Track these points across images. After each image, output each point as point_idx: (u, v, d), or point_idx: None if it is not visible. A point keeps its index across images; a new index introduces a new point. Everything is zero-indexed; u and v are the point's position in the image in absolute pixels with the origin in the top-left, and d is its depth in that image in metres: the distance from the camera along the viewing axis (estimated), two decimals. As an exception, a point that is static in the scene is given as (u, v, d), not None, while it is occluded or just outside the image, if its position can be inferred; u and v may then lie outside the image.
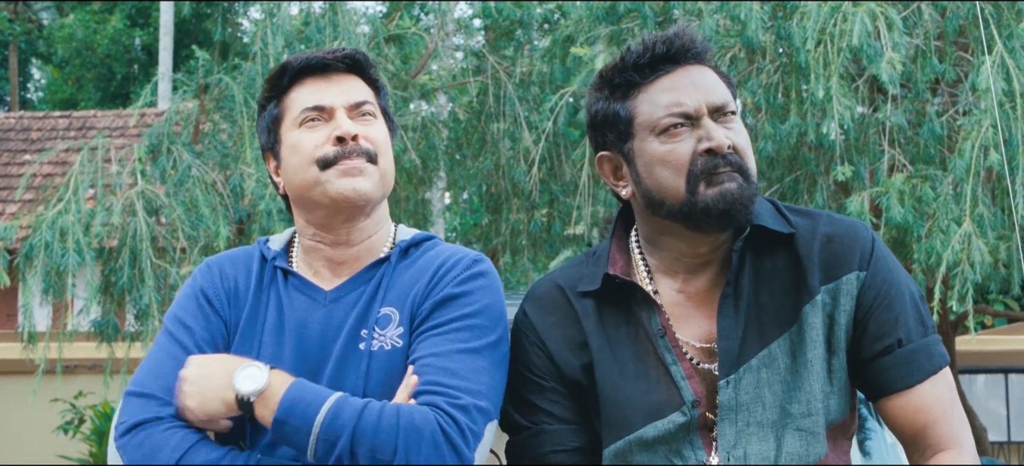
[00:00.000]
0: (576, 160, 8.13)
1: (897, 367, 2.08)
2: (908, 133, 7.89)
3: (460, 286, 2.16)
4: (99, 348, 7.90)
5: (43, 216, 7.13)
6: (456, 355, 2.09)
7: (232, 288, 2.25)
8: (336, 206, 2.18)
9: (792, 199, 8.33)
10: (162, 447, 2.04)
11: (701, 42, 2.12)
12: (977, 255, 6.77)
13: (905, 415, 2.09)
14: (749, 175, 2.06)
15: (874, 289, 2.08)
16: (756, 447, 2.04)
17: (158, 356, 2.17)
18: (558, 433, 2.15)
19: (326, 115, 2.20)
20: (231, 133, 8.39)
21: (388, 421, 2.00)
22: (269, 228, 7.34)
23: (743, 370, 2.06)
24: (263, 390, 2.03)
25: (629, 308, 2.15)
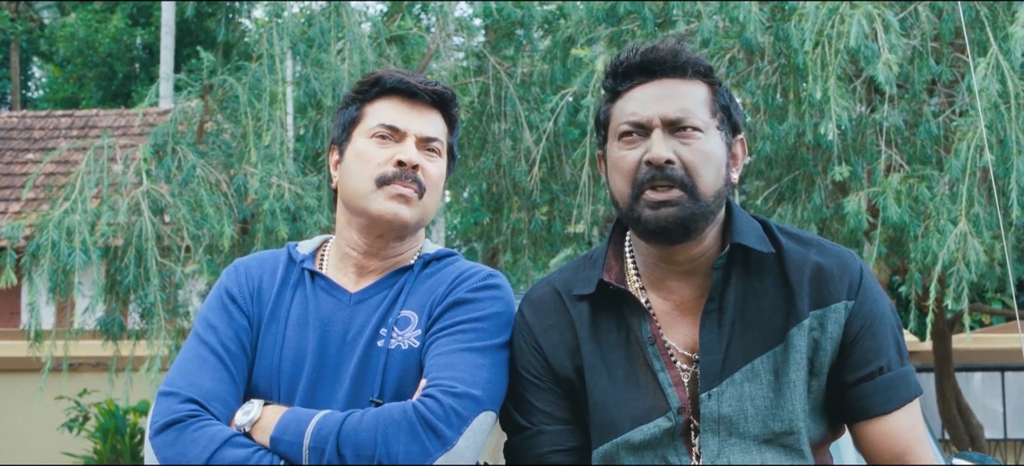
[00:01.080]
0: (576, 160, 8.18)
1: (878, 393, 2.15)
2: (905, 133, 7.96)
3: (472, 293, 2.30)
4: (104, 346, 7.99)
5: (50, 215, 7.20)
6: (458, 353, 2.22)
7: (256, 286, 2.38)
8: (374, 222, 2.32)
9: (790, 199, 8.41)
10: (193, 445, 2.15)
11: (685, 56, 2.17)
12: (972, 254, 6.83)
13: (883, 440, 2.16)
14: (694, 191, 2.09)
15: (861, 318, 2.15)
16: (739, 459, 2.11)
17: (187, 357, 2.30)
18: (557, 434, 2.22)
19: (397, 137, 2.33)
20: (235, 133, 8.47)
21: (368, 421, 2.14)
22: (273, 227, 7.42)
23: (726, 383, 2.12)
24: (256, 421, 2.20)
25: (621, 313, 2.22)
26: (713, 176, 2.11)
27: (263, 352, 2.33)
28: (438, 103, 2.40)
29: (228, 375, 2.27)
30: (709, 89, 2.18)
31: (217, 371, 2.27)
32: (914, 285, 7.48)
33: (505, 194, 9.21)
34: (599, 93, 7.70)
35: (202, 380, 2.24)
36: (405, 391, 2.25)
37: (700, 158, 2.11)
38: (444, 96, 2.39)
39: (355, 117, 2.39)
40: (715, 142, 2.14)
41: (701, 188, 2.10)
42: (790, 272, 2.16)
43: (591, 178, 7.92)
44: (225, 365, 2.28)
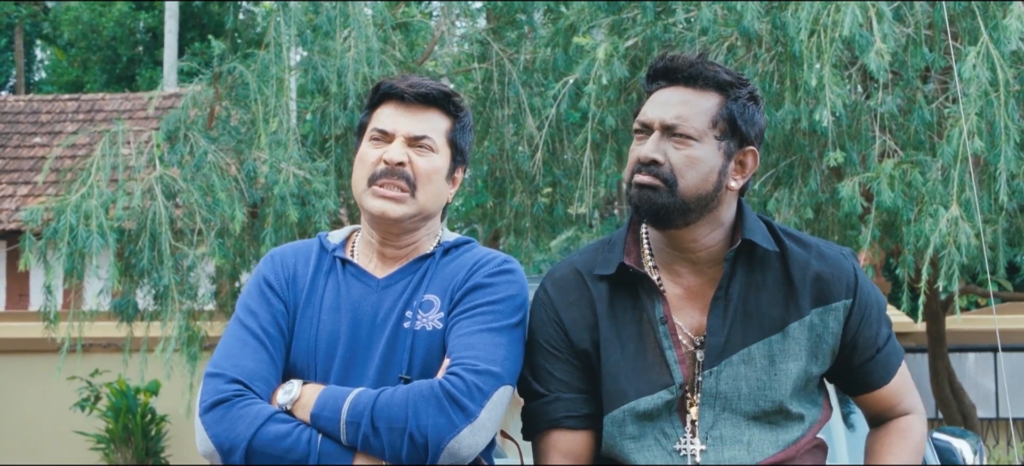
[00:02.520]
0: (578, 145, 8.36)
1: (878, 370, 2.51)
2: (899, 120, 8.13)
3: (489, 278, 2.51)
4: (119, 327, 8.21)
5: (67, 200, 7.40)
6: (478, 333, 2.44)
7: (292, 274, 2.59)
8: (371, 218, 2.55)
9: (787, 183, 8.58)
10: (239, 421, 2.38)
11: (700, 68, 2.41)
12: (963, 238, 7.02)
13: (882, 401, 2.55)
14: (675, 188, 2.35)
15: (859, 313, 2.46)
16: (730, 431, 2.38)
17: (230, 340, 2.52)
18: (572, 401, 2.45)
19: (387, 138, 2.54)
20: (244, 119, 8.67)
21: (399, 397, 2.37)
22: (283, 211, 7.61)
23: (724, 364, 2.38)
24: (297, 399, 2.42)
25: (637, 294, 2.45)
26: (697, 180, 2.37)
27: (299, 334, 2.53)
28: (430, 102, 2.58)
29: (268, 356, 2.48)
30: (721, 100, 2.40)
31: (258, 353, 2.48)
32: (907, 268, 7.67)
33: (508, 178, 9.36)
34: (600, 80, 7.90)
35: (245, 361, 2.45)
36: (430, 368, 2.46)
37: (686, 163, 2.36)
38: (432, 95, 2.58)
39: (363, 124, 2.62)
40: (708, 151, 2.38)
41: (681, 188, 2.36)
42: (793, 272, 2.43)
43: (592, 162, 8.07)
44: (265, 347, 2.49)
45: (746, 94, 2.43)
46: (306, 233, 8.09)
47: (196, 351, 8.31)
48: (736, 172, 2.44)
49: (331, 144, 8.39)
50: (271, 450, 2.36)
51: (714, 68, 2.41)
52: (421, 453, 2.34)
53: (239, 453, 2.36)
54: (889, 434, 2.54)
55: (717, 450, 2.38)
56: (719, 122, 2.40)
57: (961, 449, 3.63)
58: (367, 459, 2.37)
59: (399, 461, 2.35)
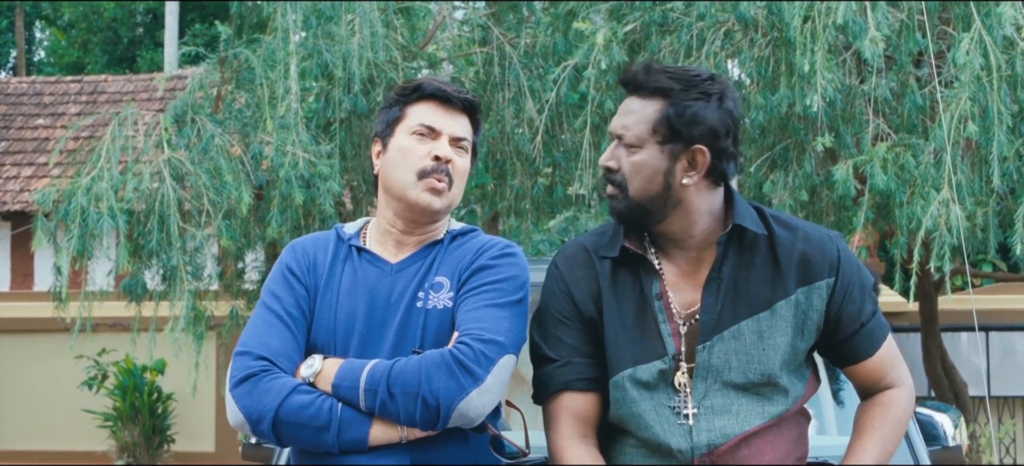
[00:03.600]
0: (578, 128, 8.51)
1: (862, 343, 2.70)
2: (892, 104, 8.28)
3: (493, 260, 2.75)
4: (128, 307, 8.38)
5: (77, 183, 7.57)
6: (484, 309, 2.66)
7: (312, 261, 2.82)
8: (411, 208, 2.77)
9: (782, 166, 8.73)
10: (266, 394, 2.61)
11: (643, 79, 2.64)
12: (954, 220, 7.17)
13: (868, 373, 2.74)
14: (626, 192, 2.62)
15: (842, 291, 2.65)
16: (721, 401, 2.59)
17: (256, 322, 2.75)
18: (582, 365, 2.68)
19: (434, 135, 2.77)
20: (250, 102, 8.83)
21: (413, 364, 2.60)
22: (288, 194, 7.78)
23: (716, 339, 2.60)
24: (318, 372, 2.65)
25: (637, 273, 2.68)
26: (642, 183, 2.61)
27: (320, 316, 2.75)
28: (467, 108, 2.83)
29: (292, 336, 2.71)
30: (662, 106, 2.61)
31: (283, 333, 2.71)
32: (900, 249, 7.83)
33: (508, 160, 9.50)
34: (599, 65, 8.06)
35: (270, 340, 2.68)
36: (441, 343, 2.68)
37: (632, 169, 2.61)
38: (472, 103, 2.84)
39: (397, 116, 2.82)
40: (650, 155, 2.61)
41: (631, 191, 2.61)
42: (780, 254, 2.63)
43: (591, 145, 8.21)
44: (289, 327, 2.72)
45: (693, 95, 2.60)
46: (310, 215, 8.26)
47: (202, 331, 8.47)
48: (687, 170, 2.62)
49: (336, 128, 8.55)
50: (296, 418, 2.59)
51: (658, 76, 2.62)
52: (433, 415, 2.56)
53: (267, 422, 2.60)
54: (874, 407, 2.72)
55: (708, 418, 2.58)
56: (659, 128, 2.61)
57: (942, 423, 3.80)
58: (383, 423, 2.60)
59: (413, 423, 2.58)
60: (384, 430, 2.60)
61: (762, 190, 9.38)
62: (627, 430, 2.66)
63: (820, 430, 3.65)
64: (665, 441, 2.60)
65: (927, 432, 3.74)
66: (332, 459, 2.63)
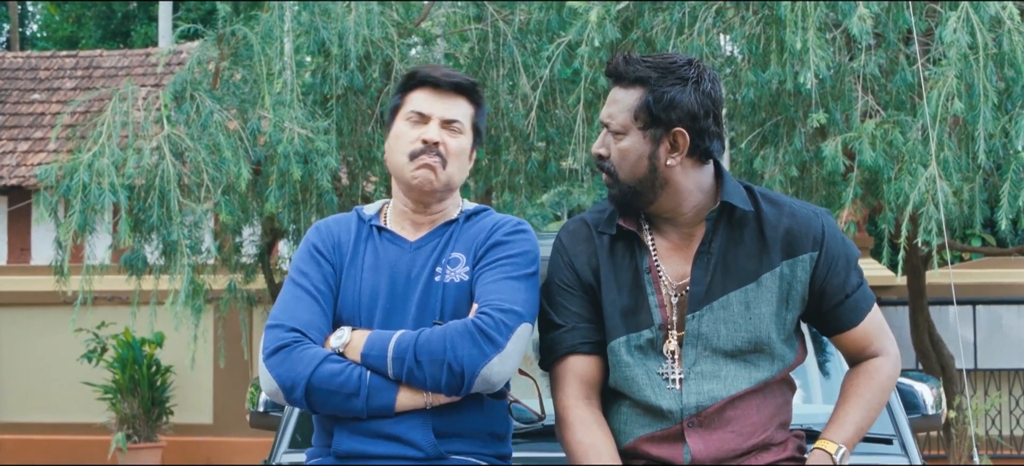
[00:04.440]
0: (571, 104, 8.62)
1: (847, 313, 2.87)
2: (881, 81, 8.40)
3: (507, 236, 2.94)
4: (129, 281, 8.51)
5: (78, 159, 7.69)
6: (501, 281, 2.85)
7: (336, 241, 3.01)
8: (410, 187, 2.95)
9: (772, 142, 8.85)
10: (298, 363, 2.79)
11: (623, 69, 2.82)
12: (941, 196, 7.30)
13: (854, 342, 2.91)
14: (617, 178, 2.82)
15: (825, 264, 2.83)
16: (710, 367, 2.78)
17: (286, 298, 2.93)
18: (585, 330, 2.87)
19: (424, 120, 2.95)
20: (247, 78, 8.94)
21: (437, 333, 2.79)
22: (286, 169, 7.90)
23: (705, 309, 2.78)
24: (348, 343, 2.83)
25: (632, 248, 2.87)
26: (629, 168, 2.80)
27: (345, 292, 2.93)
28: (460, 90, 2.99)
29: (320, 309, 2.89)
30: (642, 94, 2.79)
31: (312, 306, 2.89)
32: (888, 225, 7.96)
33: (503, 136, 9.61)
34: (592, 42, 8.17)
35: (300, 314, 2.87)
36: (459, 314, 2.86)
37: (619, 155, 2.81)
38: (463, 85, 3.00)
39: (397, 105, 3.02)
40: (634, 141, 2.80)
41: (621, 176, 2.81)
42: (766, 229, 2.80)
43: (585, 121, 8.32)
44: (317, 302, 2.90)
45: (670, 81, 2.78)
46: (308, 190, 8.39)
47: (201, 304, 8.59)
48: (670, 152, 2.80)
49: (332, 104, 8.66)
50: (327, 386, 2.77)
51: (636, 66, 2.80)
52: (458, 380, 2.75)
53: (300, 390, 2.78)
54: (859, 375, 2.91)
55: (697, 382, 2.77)
56: (640, 115, 2.79)
57: (921, 392, 3.95)
58: (409, 390, 2.79)
59: (439, 389, 2.77)
60: (410, 397, 2.79)
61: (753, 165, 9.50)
62: (623, 394, 2.85)
63: (806, 399, 3.79)
64: (656, 403, 2.78)
65: (907, 401, 3.88)
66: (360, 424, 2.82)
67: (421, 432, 2.81)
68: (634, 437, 2.82)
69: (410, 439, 2.80)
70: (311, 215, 8.66)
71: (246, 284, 10.22)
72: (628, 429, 2.84)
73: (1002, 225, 7.58)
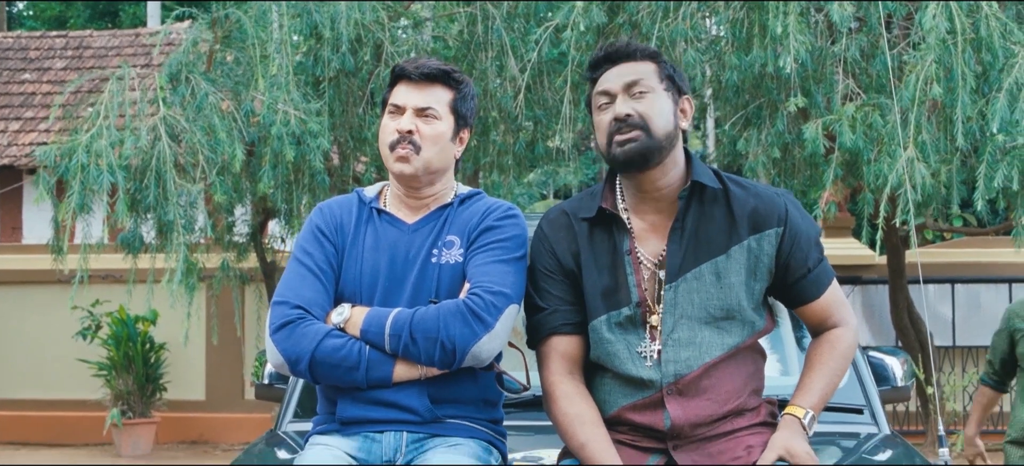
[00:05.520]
0: (558, 87, 8.78)
1: (809, 286, 3.07)
2: (862, 65, 8.57)
3: (498, 221, 3.12)
4: (125, 259, 8.68)
5: (77, 140, 7.84)
6: (491, 264, 3.04)
7: (338, 222, 3.19)
8: (393, 176, 3.16)
9: (755, 124, 9.02)
10: (303, 338, 2.99)
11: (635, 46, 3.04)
12: (918, 177, 7.47)
13: (815, 313, 3.12)
14: (649, 130, 2.95)
15: (789, 240, 3.02)
16: (686, 335, 2.98)
17: (291, 275, 3.12)
18: (567, 311, 3.07)
19: (400, 111, 3.14)
20: (240, 60, 9.10)
21: (432, 313, 2.98)
22: (279, 150, 8.07)
23: (680, 280, 2.99)
24: (348, 319, 3.02)
25: (611, 231, 3.06)
26: (662, 121, 2.98)
27: (347, 270, 3.12)
28: (433, 79, 3.16)
29: (323, 287, 3.08)
30: (656, 65, 3.04)
31: (315, 285, 3.08)
32: (867, 205, 8.15)
33: (491, 117, 9.75)
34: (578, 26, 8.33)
35: (304, 291, 3.06)
36: (453, 294, 3.05)
37: (652, 109, 2.98)
38: (434, 73, 3.17)
39: (384, 99, 3.21)
40: (663, 100, 3.01)
41: (653, 129, 2.96)
42: (734, 207, 3.01)
43: (571, 103, 8.48)
44: (320, 280, 3.09)
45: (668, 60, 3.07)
46: (300, 170, 8.56)
47: (194, 282, 8.76)
48: (682, 116, 3.07)
49: (325, 86, 8.81)
50: (329, 359, 2.97)
51: (641, 45, 3.06)
52: (450, 357, 2.95)
53: (304, 363, 2.98)
54: (822, 344, 3.11)
55: (675, 349, 2.98)
56: (663, 78, 3.03)
57: (891, 365, 4.14)
58: (406, 363, 2.98)
59: (432, 364, 2.96)
60: (406, 369, 2.99)
61: (736, 147, 9.67)
62: (605, 367, 3.05)
63: (783, 372, 3.98)
64: (637, 375, 2.99)
65: (878, 374, 4.08)
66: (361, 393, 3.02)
67: (418, 399, 3.01)
68: (617, 406, 3.02)
69: (408, 405, 3.01)
70: (303, 195, 8.84)
71: (238, 263, 10.39)
72: (612, 399, 3.03)
73: (978, 206, 7.77)
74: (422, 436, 3.03)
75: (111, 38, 17.87)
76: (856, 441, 3.67)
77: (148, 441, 12.55)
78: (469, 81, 3.26)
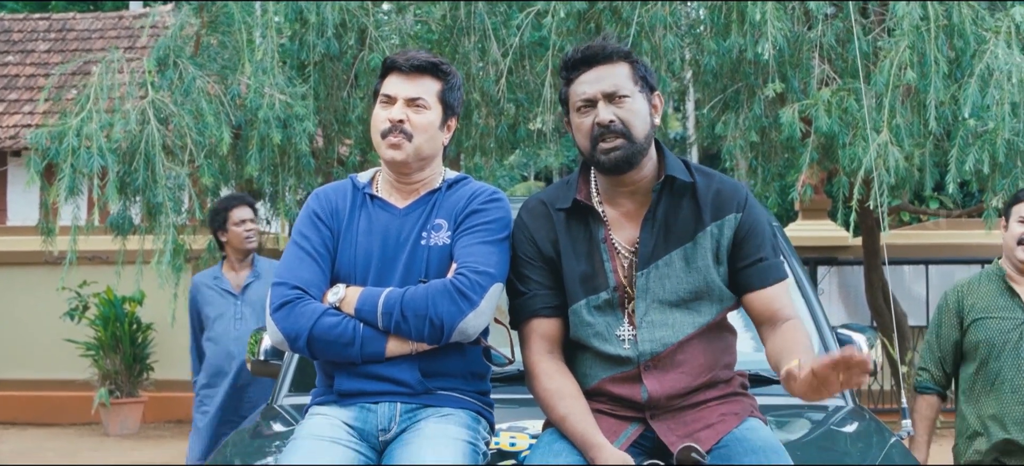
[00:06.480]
0: (540, 71, 8.92)
1: (758, 275, 3.24)
2: (838, 50, 8.73)
3: (483, 205, 3.31)
4: (115, 241, 8.81)
5: (67, 124, 7.97)
6: (476, 245, 3.23)
7: (334, 207, 3.38)
8: (385, 162, 3.35)
9: (733, 108, 9.18)
10: (301, 317, 3.18)
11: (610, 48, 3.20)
12: (892, 161, 7.64)
13: (759, 304, 3.25)
14: (632, 137, 3.13)
15: (746, 226, 3.22)
16: (659, 316, 3.18)
17: (289, 258, 3.32)
18: (546, 295, 3.26)
19: (391, 102, 3.32)
20: (227, 44, 9.22)
21: (421, 291, 3.17)
22: (266, 134, 8.21)
23: (652, 267, 3.18)
24: (342, 298, 3.20)
25: (586, 220, 3.25)
26: (641, 125, 3.16)
27: (342, 253, 3.31)
28: (422, 70, 3.35)
29: (319, 269, 3.27)
30: (630, 66, 3.21)
31: (312, 266, 3.27)
32: (843, 188, 8.31)
33: (473, 100, 9.88)
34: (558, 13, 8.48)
35: (302, 273, 3.25)
36: (441, 274, 3.24)
37: (631, 115, 3.15)
38: (424, 65, 3.35)
39: (376, 90, 3.39)
40: (640, 102, 3.19)
41: (634, 134, 3.15)
42: (700, 197, 3.20)
43: (552, 87, 8.61)
44: (317, 262, 3.28)
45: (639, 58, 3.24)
46: (286, 153, 8.69)
47: (181, 263, 8.88)
48: (654, 112, 3.25)
49: (310, 70, 8.94)
50: (326, 336, 3.16)
51: (615, 46, 3.22)
52: (438, 333, 3.14)
53: (302, 340, 3.17)
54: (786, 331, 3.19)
55: (649, 330, 3.17)
56: (637, 80, 3.21)
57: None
58: (397, 340, 3.18)
59: (422, 339, 3.16)
60: (398, 345, 3.17)
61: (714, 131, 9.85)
62: (586, 346, 3.24)
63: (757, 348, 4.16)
64: (616, 353, 3.19)
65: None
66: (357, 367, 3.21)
67: (410, 372, 3.20)
68: (597, 379, 3.21)
69: (401, 379, 3.20)
70: (289, 178, 8.97)
71: (225, 243, 10.51)
72: (592, 372, 3.23)
73: (950, 189, 7.94)
74: (414, 407, 3.21)
75: (94, 21, 17.95)
76: (824, 413, 3.86)
77: (136, 420, 12.69)
78: (456, 72, 3.44)
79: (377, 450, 3.21)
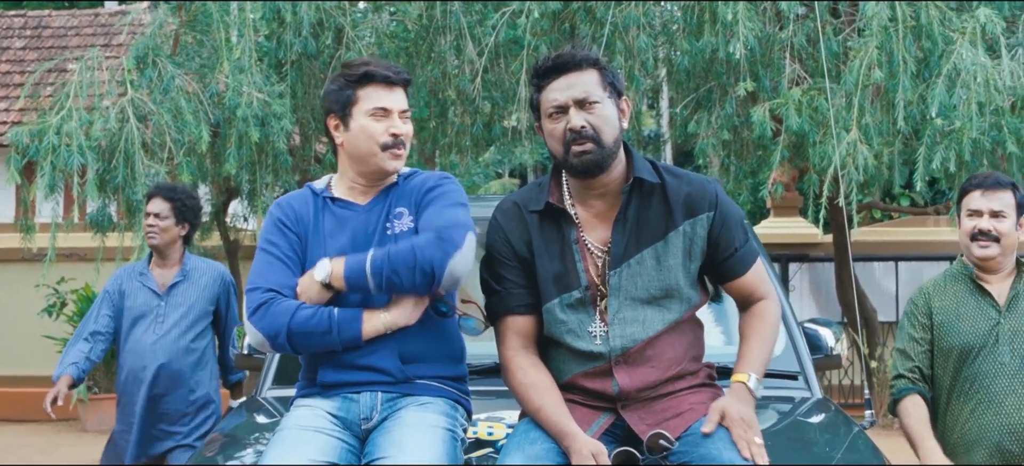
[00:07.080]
0: (515, 70, 9.04)
1: (736, 264, 3.37)
2: (809, 50, 8.88)
3: (436, 184, 3.44)
4: (95, 238, 8.88)
5: (47, 122, 8.04)
6: (442, 209, 3.35)
7: (297, 214, 3.48)
8: (382, 173, 3.45)
9: (706, 107, 9.33)
10: (277, 315, 3.28)
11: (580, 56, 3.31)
12: (861, 159, 7.79)
13: (741, 288, 3.41)
14: (600, 142, 3.24)
15: (719, 223, 3.33)
16: (630, 314, 3.29)
17: (260, 264, 3.41)
18: (520, 293, 3.37)
19: (387, 115, 3.42)
20: (206, 43, 9.32)
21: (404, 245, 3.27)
22: (245, 132, 8.31)
23: (623, 266, 3.29)
24: (330, 272, 3.29)
25: (558, 222, 3.36)
26: (610, 130, 3.26)
27: (313, 253, 3.40)
28: (405, 84, 3.49)
29: (290, 271, 3.37)
30: (599, 73, 3.32)
31: (282, 269, 3.38)
32: (813, 185, 8.46)
33: (450, 101, 9.99)
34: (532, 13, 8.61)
35: (273, 276, 3.36)
36: None
37: (601, 121, 3.25)
38: (408, 79, 3.50)
39: (351, 98, 3.45)
40: (609, 108, 3.29)
41: (604, 139, 3.25)
42: (670, 197, 3.31)
43: (527, 85, 8.70)
44: (286, 265, 3.38)
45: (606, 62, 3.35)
46: (264, 151, 8.79)
47: (159, 260, 8.94)
48: (622, 116, 3.36)
49: (287, 69, 9.04)
50: (304, 329, 3.26)
51: (585, 53, 3.32)
52: (429, 279, 3.23)
53: (282, 336, 3.27)
54: (753, 318, 3.40)
55: (621, 327, 3.29)
56: (606, 86, 3.31)
57: (824, 335, 4.44)
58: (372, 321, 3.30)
59: (415, 289, 3.26)
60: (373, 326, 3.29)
61: (687, 129, 9.99)
62: (559, 342, 3.36)
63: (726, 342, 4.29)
64: (588, 349, 3.31)
65: (812, 343, 4.38)
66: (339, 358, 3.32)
67: (390, 360, 3.31)
68: (570, 374, 3.33)
69: (382, 367, 3.31)
70: (267, 175, 9.07)
71: (202, 241, 10.59)
72: (565, 367, 3.35)
73: (917, 186, 8.10)
74: (395, 395, 3.32)
75: (70, 18, 17.94)
76: (792, 404, 3.99)
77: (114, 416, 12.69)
78: None
79: (360, 438, 3.32)
